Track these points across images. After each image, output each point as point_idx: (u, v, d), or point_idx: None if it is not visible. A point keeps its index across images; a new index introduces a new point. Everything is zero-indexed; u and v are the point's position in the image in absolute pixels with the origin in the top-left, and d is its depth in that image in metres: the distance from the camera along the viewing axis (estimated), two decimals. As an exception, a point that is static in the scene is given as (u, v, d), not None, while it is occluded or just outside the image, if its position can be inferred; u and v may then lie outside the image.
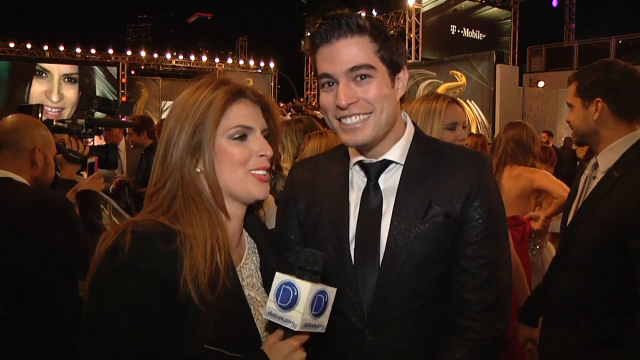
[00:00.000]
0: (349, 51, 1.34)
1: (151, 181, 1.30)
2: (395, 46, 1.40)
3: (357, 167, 1.49)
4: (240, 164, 1.29)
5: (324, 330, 1.21)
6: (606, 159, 2.03)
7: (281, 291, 1.16)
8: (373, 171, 1.46)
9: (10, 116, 2.36)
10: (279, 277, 1.18)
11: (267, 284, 1.36)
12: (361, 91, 1.35)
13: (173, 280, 1.13)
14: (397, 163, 1.46)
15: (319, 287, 1.17)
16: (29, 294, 2.05)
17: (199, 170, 1.28)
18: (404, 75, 1.44)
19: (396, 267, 1.38)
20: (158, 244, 1.14)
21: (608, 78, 2.01)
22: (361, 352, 1.41)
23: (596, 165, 2.09)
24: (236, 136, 1.29)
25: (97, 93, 23.34)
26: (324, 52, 1.36)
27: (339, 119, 1.38)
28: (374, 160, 1.46)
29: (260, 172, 1.31)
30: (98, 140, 3.48)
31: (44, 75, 25.31)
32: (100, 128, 3.13)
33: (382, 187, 1.46)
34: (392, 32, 1.43)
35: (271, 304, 1.18)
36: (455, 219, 1.39)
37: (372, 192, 1.45)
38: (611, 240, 1.89)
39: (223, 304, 1.20)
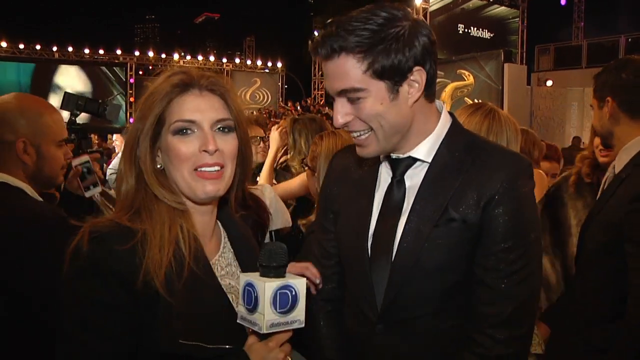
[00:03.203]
0: (336, 74, 1.30)
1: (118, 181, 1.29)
2: (398, 51, 1.27)
3: (385, 162, 1.47)
4: (183, 160, 1.22)
5: (302, 325, 1.15)
6: (621, 160, 1.96)
7: (245, 293, 1.11)
8: (400, 167, 1.43)
9: None
10: (242, 278, 1.13)
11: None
12: (355, 110, 1.32)
13: (134, 277, 1.13)
14: (423, 161, 1.41)
15: (278, 282, 1.09)
16: (29, 294, 1.87)
17: (159, 166, 1.26)
18: (418, 77, 1.31)
19: (406, 268, 1.35)
20: (113, 243, 1.14)
21: (617, 76, 1.96)
22: (372, 345, 1.42)
23: (614, 167, 2.02)
24: (178, 131, 1.22)
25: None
26: (323, 67, 1.34)
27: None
28: (401, 156, 1.42)
29: (206, 169, 1.23)
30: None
31: (57, 90, 25.84)
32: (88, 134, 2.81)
33: (407, 184, 1.42)
34: (400, 29, 1.27)
35: (240, 308, 1.14)
36: (474, 226, 1.32)
37: (395, 189, 1.43)
38: (609, 243, 1.83)
39: (195, 294, 1.18)
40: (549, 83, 17.56)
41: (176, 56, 30.74)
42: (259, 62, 31.42)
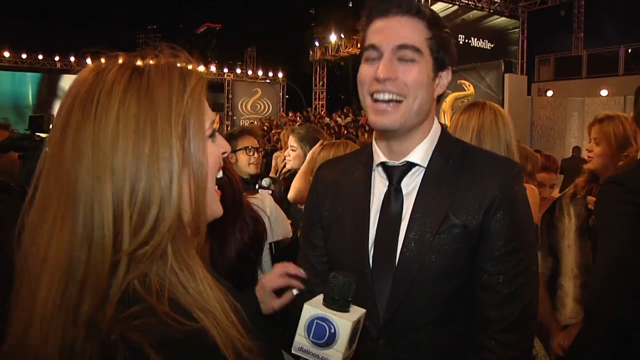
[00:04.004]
0: (402, 28, 1.34)
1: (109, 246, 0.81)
2: (447, 43, 1.39)
3: (380, 169, 1.46)
4: (217, 167, 0.99)
5: (353, 352, 1.10)
6: None
7: (313, 326, 1.04)
8: (396, 174, 1.42)
9: None
10: (310, 311, 1.05)
11: None
12: (402, 71, 1.34)
13: None
14: (420, 166, 1.42)
15: (356, 318, 1.06)
16: None
17: None
18: (446, 75, 1.42)
19: (410, 276, 1.34)
20: (193, 347, 0.81)
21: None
22: (373, 359, 1.38)
23: None
24: (211, 135, 0.99)
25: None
26: (377, 24, 1.37)
27: (372, 95, 1.36)
28: (397, 163, 1.42)
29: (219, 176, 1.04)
30: None
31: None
32: None
33: (404, 191, 1.41)
34: (447, 30, 1.41)
35: (302, 339, 1.05)
36: (475, 231, 1.33)
37: (392, 197, 1.41)
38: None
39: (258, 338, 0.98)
40: (550, 93, 17.59)
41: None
42: (260, 72, 31.56)
